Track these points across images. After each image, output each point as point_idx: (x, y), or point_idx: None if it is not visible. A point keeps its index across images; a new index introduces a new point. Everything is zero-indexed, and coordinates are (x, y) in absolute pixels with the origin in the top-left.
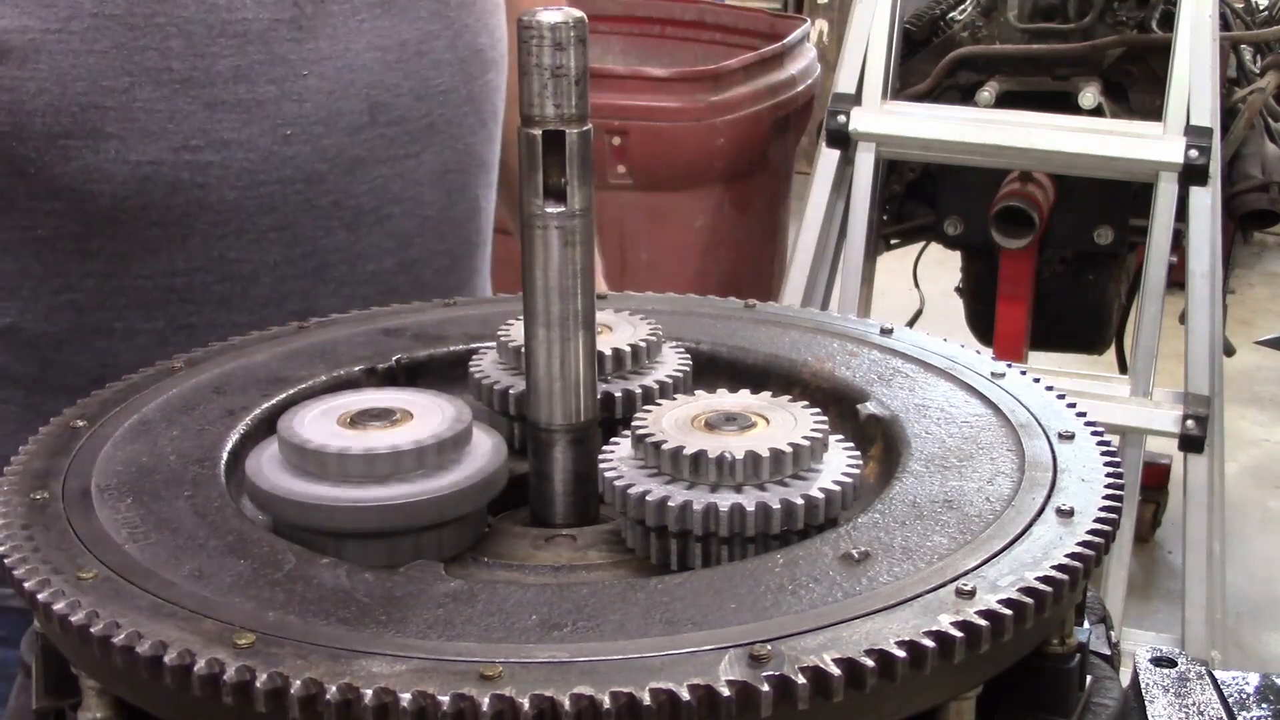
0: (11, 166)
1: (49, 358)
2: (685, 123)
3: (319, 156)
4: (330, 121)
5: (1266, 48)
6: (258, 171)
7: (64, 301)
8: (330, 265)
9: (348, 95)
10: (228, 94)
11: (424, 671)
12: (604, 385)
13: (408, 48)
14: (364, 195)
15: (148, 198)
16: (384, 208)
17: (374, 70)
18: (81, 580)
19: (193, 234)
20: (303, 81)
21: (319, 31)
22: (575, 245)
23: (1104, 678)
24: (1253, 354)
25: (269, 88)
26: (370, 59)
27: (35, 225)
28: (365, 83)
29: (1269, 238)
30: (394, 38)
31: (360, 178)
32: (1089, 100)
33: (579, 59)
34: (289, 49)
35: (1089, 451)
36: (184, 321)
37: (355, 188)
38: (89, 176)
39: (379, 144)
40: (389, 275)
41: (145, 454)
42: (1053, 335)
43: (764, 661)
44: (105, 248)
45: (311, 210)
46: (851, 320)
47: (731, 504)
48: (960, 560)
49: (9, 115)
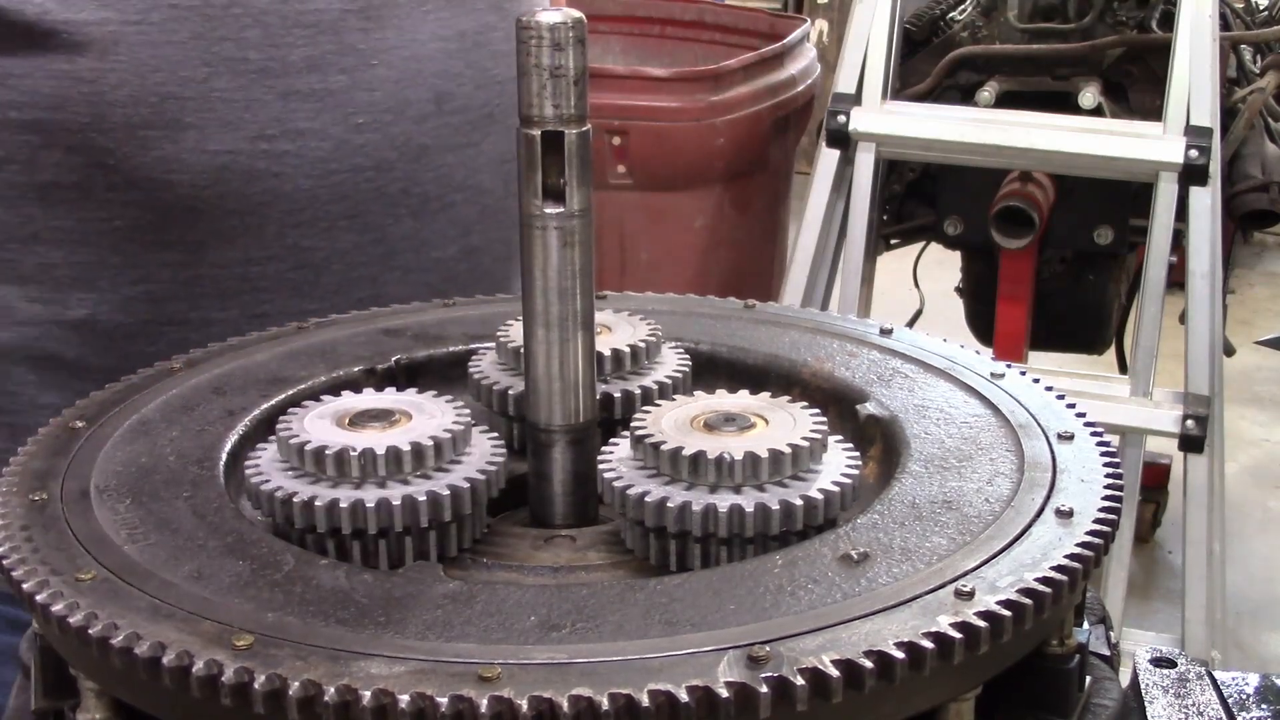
0: (91, 158)
1: (124, 349)
2: (685, 123)
3: (388, 144)
4: (399, 110)
5: (1266, 48)
6: (330, 160)
7: (140, 292)
8: (397, 252)
9: (414, 84)
10: (301, 84)
11: (422, 673)
12: (603, 386)
13: (467, 38)
14: (429, 183)
15: (225, 187)
16: (447, 195)
17: (438, 60)
18: (80, 581)
19: (267, 223)
20: (372, 71)
21: (386, 21)
22: (574, 245)
23: (1104, 678)
24: (1253, 354)
25: (341, 77)
26: (434, 48)
27: (113, 216)
28: (430, 72)
29: (1269, 238)
30: (455, 28)
31: (426, 165)
32: (1089, 100)
33: (578, 59)
34: (358, 39)
35: (1088, 452)
36: (257, 310)
37: (422, 175)
38: (167, 167)
39: (443, 132)
40: (452, 262)
41: (144, 454)
42: (1053, 335)
43: (763, 663)
44: (182, 237)
45: (381, 198)
46: (851, 320)
47: (730, 505)
48: (959, 561)
49: (89, 107)
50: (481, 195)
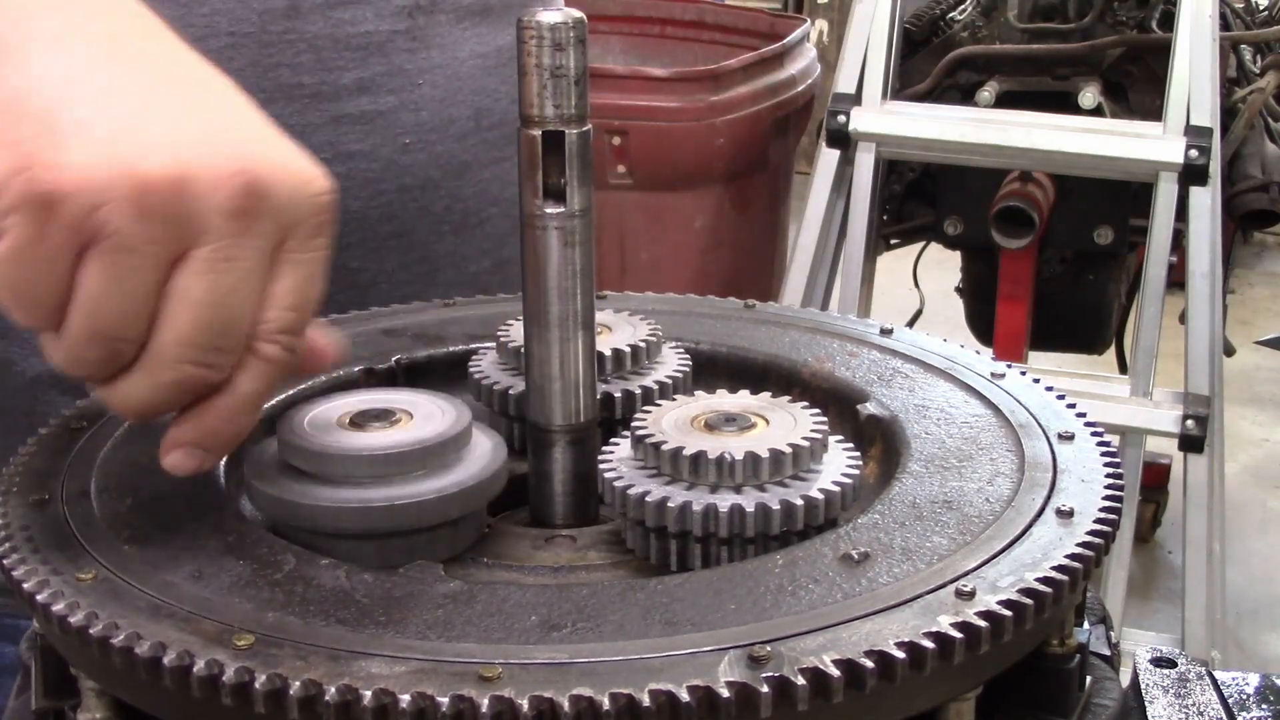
0: None
1: None
2: (685, 123)
3: (434, 163)
4: (442, 129)
5: (1266, 48)
6: (380, 181)
7: None
8: (440, 270)
9: (456, 102)
10: (352, 106)
11: (423, 672)
12: (604, 386)
13: (503, 53)
14: (470, 199)
15: None
16: (484, 210)
17: (477, 76)
18: (81, 581)
19: None
20: (418, 91)
21: (430, 41)
22: (575, 245)
23: (1104, 678)
24: (1253, 354)
25: (389, 98)
26: (473, 66)
27: None
28: (470, 89)
29: (1269, 238)
30: (492, 44)
31: (467, 182)
32: (1089, 100)
33: (578, 59)
34: (405, 59)
35: (1089, 452)
36: None
37: (463, 191)
38: None
39: (481, 148)
40: (486, 275)
41: (145, 454)
42: (1053, 335)
43: (763, 662)
44: None
45: (426, 216)
46: (851, 320)
47: (731, 505)
48: (960, 561)
49: None
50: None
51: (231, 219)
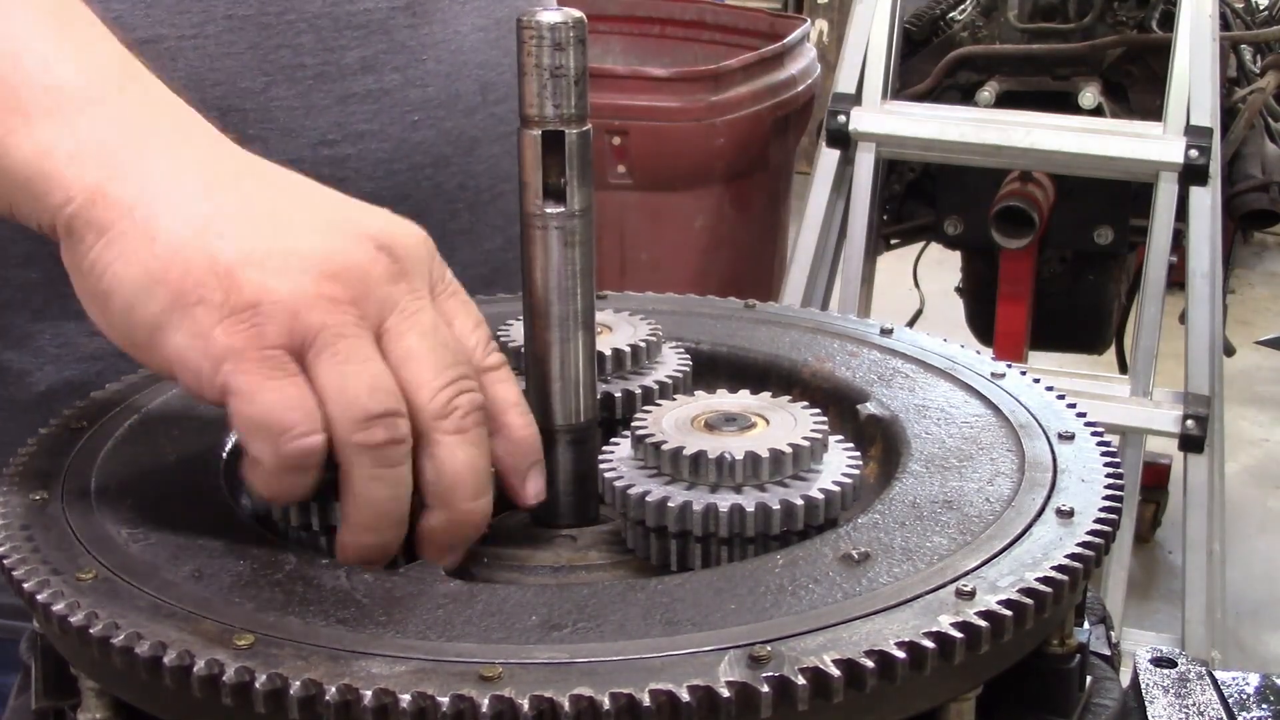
0: None
1: None
2: (685, 123)
3: (444, 140)
4: (450, 104)
5: (1266, 48)
6: (391, 160)
7: None
8: (456, 247)
9: (461, 77)
10: (358, 85)
11: (423, 672)
12: (604, 385)
13: (504, 25)
14: (482, 175)
15: None
16: (496, 185)
17: (481, 50)
18: (81, 581)
19: None
20: (423, 67)
21: (432, 16)
22: (575, 245)
23: (1104, 678)
24: (1253, 354)
25: (394, 76)
26: (476, 39)
27: None
28: (475, 63)
29: (1269, 238)
30: (493, 16)
31: (478, 157)
32: (1089, 100)
33: (578, 59)
34: (407, 35)
35: (1089, 452)
36: None
37: (475, 167)
38: None
39: (490, 123)
40: (499, 252)
41: (145, 454)
42: (1053, 335)
43: (764, 662)
44: None
45: (440, 194)
46: (851, 320)
47: (731, 505)
48: (960, 561)
49: None
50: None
51: (394, 283)
